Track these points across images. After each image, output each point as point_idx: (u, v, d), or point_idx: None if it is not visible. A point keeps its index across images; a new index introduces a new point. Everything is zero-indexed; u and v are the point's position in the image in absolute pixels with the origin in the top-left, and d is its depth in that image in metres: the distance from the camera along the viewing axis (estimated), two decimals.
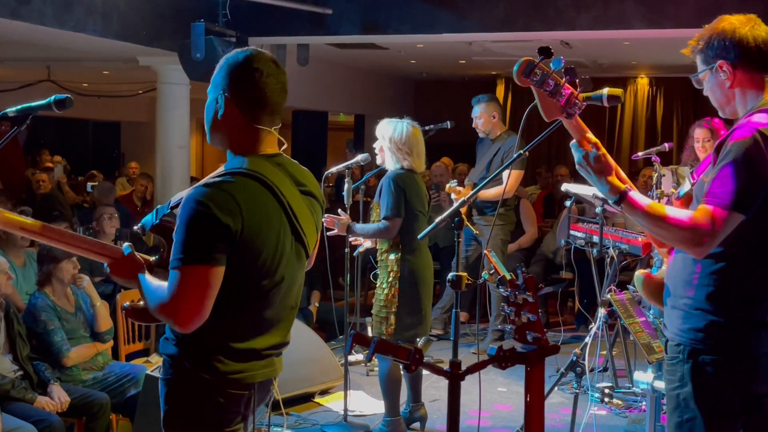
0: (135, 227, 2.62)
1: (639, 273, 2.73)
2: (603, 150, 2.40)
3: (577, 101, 2.29)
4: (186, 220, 2.24)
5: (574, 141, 2.42)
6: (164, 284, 2.31)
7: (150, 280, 2.42)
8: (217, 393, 2.36)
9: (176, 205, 2.39)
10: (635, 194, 2.38)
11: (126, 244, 2.59)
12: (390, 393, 4.61)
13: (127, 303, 2.58)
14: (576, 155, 2.42)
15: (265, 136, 2.43)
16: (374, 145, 4.75)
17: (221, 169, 2.39)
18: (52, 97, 2.65)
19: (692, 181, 2.58)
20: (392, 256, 4.59)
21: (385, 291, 4.59)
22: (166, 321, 2.31)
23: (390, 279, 4.58)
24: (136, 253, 2.51)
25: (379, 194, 4.61)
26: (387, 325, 4.55)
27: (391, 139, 4.61)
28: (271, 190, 2.37)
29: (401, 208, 4.51)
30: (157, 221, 2.51)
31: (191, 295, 2.22)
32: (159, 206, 2.55)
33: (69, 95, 2.66)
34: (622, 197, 2.38)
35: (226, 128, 2.42)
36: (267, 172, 2.37)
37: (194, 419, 2.40)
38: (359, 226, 4.71)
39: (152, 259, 2.61)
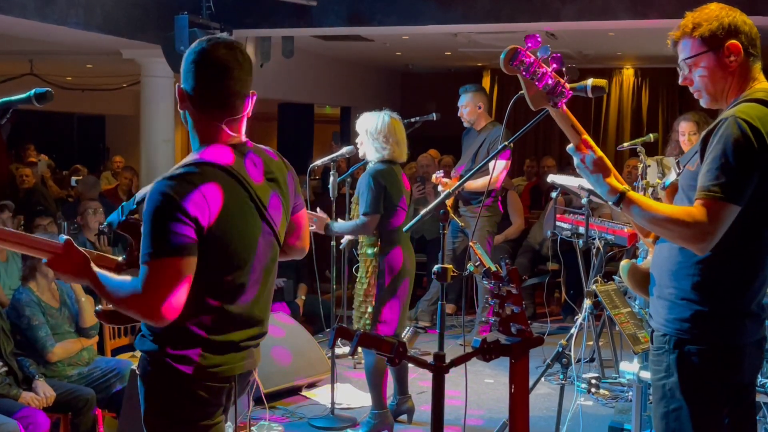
0: (101, 226, 2.56)
1: (625, 263, 2.73)
2: (600, 152, 2.40)
3: (563, 90, 2.29)
4: (152, 213, 2.21)
5: (571, 145, 2.43)
6: (127, 278, 2.28)
7: (110, 274, 2.35)
8: (197, 387, 2.34)
9: (142, 201, 2.36)
10: (634, 194, 2.38)
11: (62, 235, 2.51)
12: (376, 386, 4.61)
13: (99, 306, 2.52)
14: (574, 159, 2.43)
15: (230, 125, 2.39)
16: (357, 140, 4.74)
17: (187, 159, 2.37)
18: (33, 91, 2.60)
19: (678, 171, 2.57)
20: (370, 251, 4.58)
21: (364, 286, 4.59)
22: (138, 316, 2.26)
23: (368, 273, 4.58)
24: (75, 245, 2.39)
25: (359, 190, 4.59)
26: (366, 319, 4.54)
27: (368, 130, 4.61)
28: (236, 180, 2.35)
29: (380, 205, 4.49)
30: (123, 218, 2.48)
31: (164, 288, 2.19)
32: (124, 203, 2.52)
33: (49, 89, 2.61)
34: (621, 197, 2.38)
35: (195, 117, 2.39)
36: (234, 163, 2.35)
37: (175, 414, 2.38)
38: (337, 225, 4.68)
39: (120, 258, 2.57)
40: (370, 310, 4.56)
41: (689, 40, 2.49)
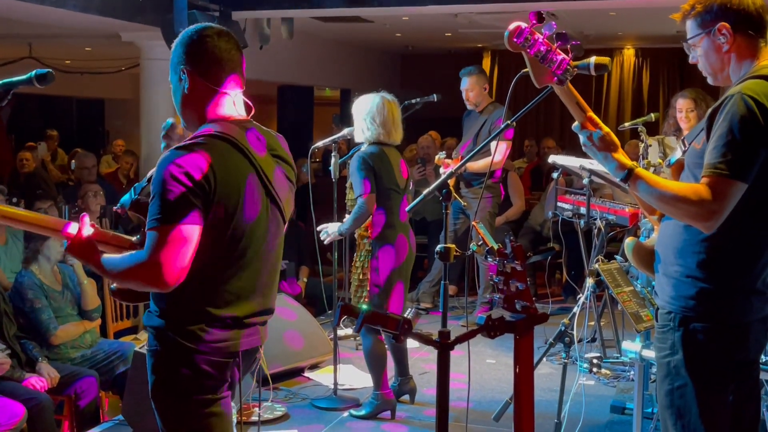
0: (115, 207, 2.62)
1: (629, 240, 2.72)
2: (606, 129, 2.39)
3: (568, 67, 2.27)
4: (160, 182, 2.27)
5: (576, 123, 2.41)
6: (124, 254, 2.35)
7: (111, 255, 2.42)
8: (202, 362, 2.38)
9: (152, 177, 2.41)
10: (642, 171, 2.37)
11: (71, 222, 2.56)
12: (375, 368, 4.62)
13: (114, 285, 2.56)
14: (581, 137, 2.42)
15: (233, 102, 2.48)
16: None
17: (195, 133, 2.42)
18: (33, 72, 2.60)
19: (683, 148, 2.56)
20: (366, 233, 4.57)
21: (359, 271, 4.59)
22: (143, 282, 2.30)
23: (363, 258, 4.57)
24: (85, 227, 2.45)
25: (351, 174, 4.57)
26: (362, 303, 4.53)
27: (359, 112, 4.59)
28: (243, 153, 2.40)
29: (372, 185, 4.46)
30: (136, 197, 2.53)
31: (169, 253, 2.23)
32: (136, 183, 2.59)
33: (50, 70, 2.61)
34: (629, 174, 2.36)
35: (195, 101, 2.47)
36: (238, 136, 2.42)
37: (181, 388, 2.41)
38: (344, 224, 4.58)
39: (134, 239, 2.60)
40: (365, 296, 4.56)
41: (689, 21, 2.50)
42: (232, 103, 2.48)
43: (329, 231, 4.66)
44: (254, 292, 2.47)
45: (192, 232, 2.26)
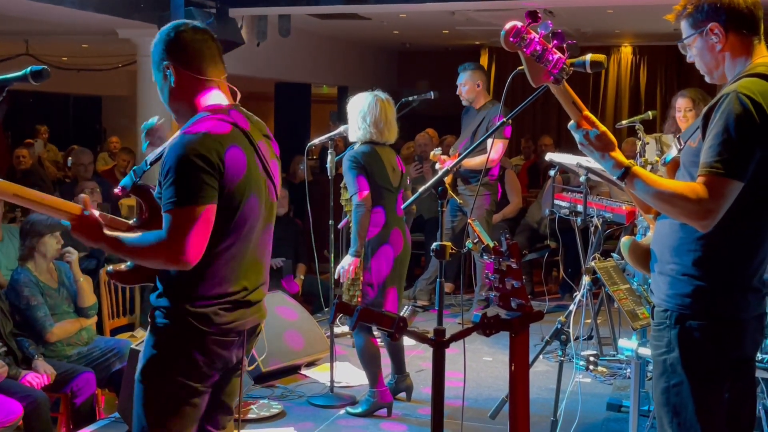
0: (115, 189, 2.67)
1: (625, 239, 2.72)
2: (603, 127, 2.39)
3: (564, 66, 2.27)
4: (175, 165, 2.35)
5: (572, 122, 2.41)
6: (139, 234, 2.45)
7: (127, 234, 2.49)
8: (212, 342, 2.47)
9: (155, 161, 2.54)
10: (639, 169, 2.37)
11: (81, 195, 2.64)
12: (370, 366, 4.62)
13: (111, 267, 2.63)
14: (576, 136, 2.41)
15: (219, 89, 2.58)
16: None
17: (196, 118, 2.49)
18: (29, 69, 2.60)
19: (679, 146, 2.56)
20: None
21: (337, 269, 4.58)
22: (163, 262, 2.37)
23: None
24: (90, 208, 2.51)
25: (344, 174, 4.56)
26: (354, 301, 4.53)
27: (353, 110, 4.58)
28: (241, 131, 2.51)
29: (365, 182, 4.45)
30: (137, 179, 2.58)
31: (188, 234, 2.32)
32: (135, 167, 2.62)
33: (46, 66, 2.61)
34: (626, 172, 2.36)
35: (184, 93, 2.56)
36: (237, 120, 2.52)
37: (179, 369, 2.48)
38: (352, 246, 4.49)
39: (131, 221, 2.66)
40: (358, 293, 4.55)
41: (682, 22, 2.52)
42: (218, 91, 2.58)
43: (344, 265, 4.51)
44: (257, 268, 2.59)
45: (209, 212, 2.35)
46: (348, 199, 4.53)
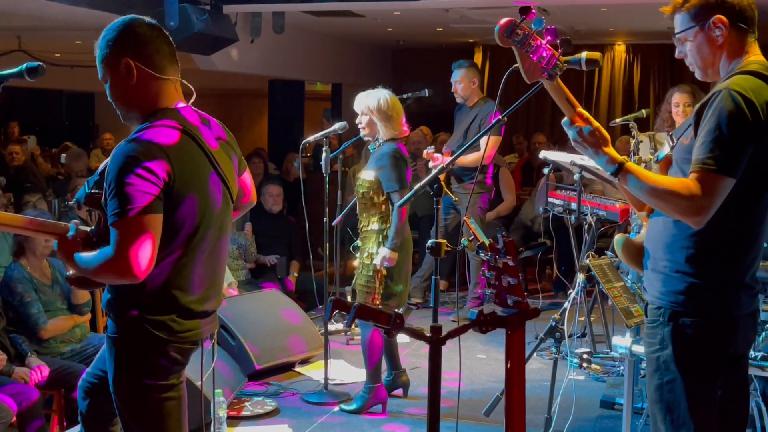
0: (70, 203, 2.66)
1: (619, 236, 2.73)
2: (596, 123, 2.39)
3: (558, 62, 2.27)
4: (117, 175, 2.29)
5: (565, 119, 2.41)
6: (95, 251, 2.39)
7: (83, 252, 2.46)
8: (173, 350, 2.48)
9: (104, 171, 2.45)
10: (632, 165, 2.37)
11: (72, 222, 2.60)
12: (372, 358, 4.61)
13: (70, 272, 2.59)
14: (570, 133, 2.41)
15: (174, 89, 2.53)
16: (358, 120, 4.67)
17: (144, 124, 2.45)
18: (24, 65, 2.60)
19: (671, 144, 2.57)
20: (378, 227, 4.55)
21: (363, 256, 4.56)
22: (113, 277, 2.34)
23: (377, 249, 4.53)
24: (78, 231, 2.54)
25: (375, 166, 4.52)
26: (374, 295, 4.51)
27: (379, 109, 4.54)
28: (192, 138, 2.46)
29: (404, 180, 4.50)
30: (89, 191, 2.55)
31: (135, 245, 2.27)
32: (89, 177, 2.60)
33: (41, 63, 2.61)
34: (620, 168, 2.37)
35: (140, 93, 2.48)
36: (183, 122, 2.47)
37: (147, 373, 2.48)
38: (390, 242, 4.48)
39: (89, 230, 2.62)
40: (380, 287, 4.51)
41: (679, 15, 2.50)
42: (174, 90, 2.53)
43: (380, 257, 4.49)
44: (212, 279, 2.57)
45: (154, 222, 2.30)
46: (364, 193, 4.52)
